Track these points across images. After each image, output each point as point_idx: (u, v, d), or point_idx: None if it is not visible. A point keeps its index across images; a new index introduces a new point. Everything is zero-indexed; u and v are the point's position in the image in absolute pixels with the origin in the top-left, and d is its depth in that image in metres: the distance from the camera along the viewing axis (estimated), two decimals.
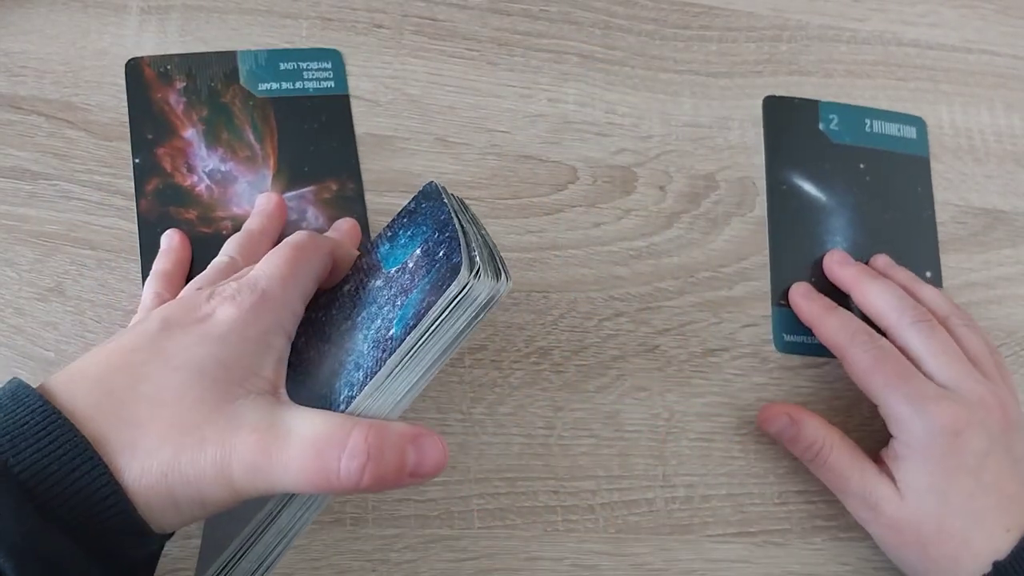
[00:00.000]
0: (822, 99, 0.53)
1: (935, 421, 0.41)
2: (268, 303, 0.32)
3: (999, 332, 0.52)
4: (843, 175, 0.52)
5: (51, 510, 0.27)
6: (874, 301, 0.46)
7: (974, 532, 0.41)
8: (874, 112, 0.54)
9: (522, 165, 0.49)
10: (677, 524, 0.45)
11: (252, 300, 0.32)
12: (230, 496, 0.29)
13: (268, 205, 0.44)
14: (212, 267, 0.39)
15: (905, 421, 0.42)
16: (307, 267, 0.34)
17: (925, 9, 0.57)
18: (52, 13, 0.46)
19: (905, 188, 0.53)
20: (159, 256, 0.43)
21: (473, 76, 0.50)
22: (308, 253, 0.35)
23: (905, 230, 0.52)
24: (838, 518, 0.47)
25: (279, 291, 0.32)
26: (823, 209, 0.51)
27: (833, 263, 0.49)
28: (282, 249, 0.34)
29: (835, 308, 0.47)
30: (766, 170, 0.52)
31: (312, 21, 0.49)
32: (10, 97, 0.45)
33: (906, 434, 0.42)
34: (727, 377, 0.48)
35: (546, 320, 0.47)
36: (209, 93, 0.47)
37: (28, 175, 0.44)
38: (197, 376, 0.30)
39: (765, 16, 0.55)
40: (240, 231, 0.42)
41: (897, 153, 0.53)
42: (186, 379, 0.29)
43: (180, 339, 0.30)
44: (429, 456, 0.30)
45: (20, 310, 0.42)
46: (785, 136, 0.52)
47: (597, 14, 0.53)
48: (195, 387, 0.29)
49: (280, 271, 0.33)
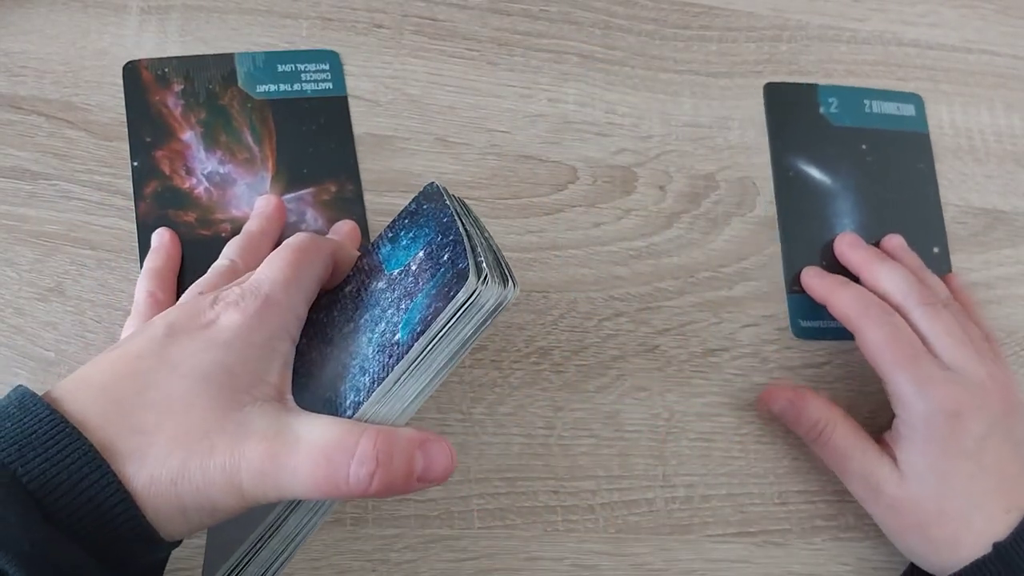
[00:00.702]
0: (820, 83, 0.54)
1: (937, 403, 0.41)
2: (272, 308, 0.32)
3: (999, 332, 0.52)
4: (846, 158, 0.53)
5: (61, 519, 0.27)
6: (883, 282, 0.46)
7: (974, 513, 0.41)
8: (872, 92, 0.54)
9: (522, 165, 0.49)
10: (677, 524, 0.45)
11: (256, 305, 0.31)
12: (239, 503, 0.29)
13: (267, 207, 0.44)
14: (213, 271, 0.39)
15: (909, 401, 0.42)
16: (309, 270, 0.34)
17: (925, 9, 0.57)
18: (52, 13, 0.46)
19: (908, 165, 0.53)
20: (150, 254, 0.43)
21: (473, 76, 0.50)
22: (310, 255, 0.35)
23: (911, 208, 0.53)
24: (838, 518, 0.47)
25: (282, 295, 0.32)
26: (829, 193, 0.52)
27: (844, 244, 0.50)
28: (283, 252, 0.34)
29: (848, 283, 0.47)
30: (771, 158, 0.52)
31: (312, 21, 0.49)
32: (10, 97, 0.45)
33: (908, 414, 0.42)
34: (727, 377, 0.48)
35: (546, 320, 0.47)
36: (207, 95, 0.47)
37: (28, 175, 0.44)
38: (204, 383, 0.30)
39: (765, 16, 0.55)
40: (240, 234, 0.42)
41: (897, 131, 0.54)
42: (193, 386, 0.29)
43: (186, 345, 0.30)
44: (437, 461, 0.30)
45: (20, 310, 0.42)
46: (788, 122, 0.53)
47: (597, 14, 0.53)
48: (202, 395, 0.29)
49: (283, 274, 0.33)
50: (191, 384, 0.29)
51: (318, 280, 0.35)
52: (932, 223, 0.53)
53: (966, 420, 0.41)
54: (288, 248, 0.34)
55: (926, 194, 0.53)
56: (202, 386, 0.29)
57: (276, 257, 0.34)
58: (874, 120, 0.54)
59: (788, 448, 0.47)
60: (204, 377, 0.30)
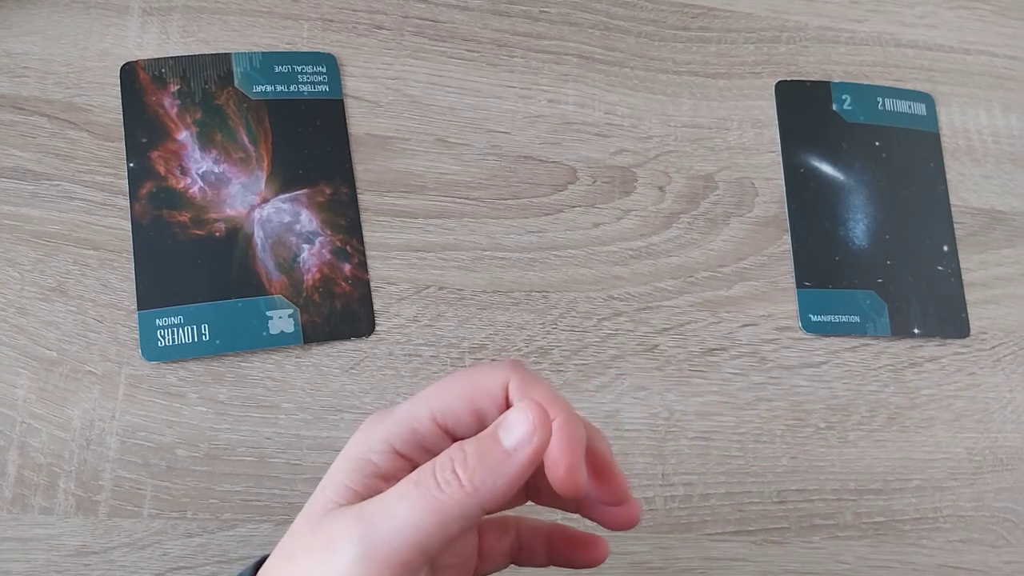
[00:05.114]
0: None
1: None
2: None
3: (997, 332, 0.52)
4: (860, 154, 0.53)
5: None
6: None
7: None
8: (885, 90, 0.55)
9: (522, 165, 0.49)
10: (676, 523, 0.45)
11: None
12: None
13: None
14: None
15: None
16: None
17: (923, 10, 0.58)
18: (54, 14, 0.47)
19: (919, 164, 0.54)
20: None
21: (473, 77, 0.50)
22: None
23: (921, 205, 0.53)
24: (836, 517, 0.47)
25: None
26: (842, 189, 0.52)
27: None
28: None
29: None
30: (782, 155, 0.52)
31: (313, 23, 0.49)
32: (12, 98, 0.45)
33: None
34: (726, 377, 0.48)
35: (546, 320, 0.47)
36: (203, 95, 0.47)
37: (30, 175, 0.44)
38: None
39: (764, 17, 0.55)
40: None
41: (910, 130, 0.54)
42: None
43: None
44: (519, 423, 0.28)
45: (22, 310, 0.42)
46: (800, 119, 0.53)
47: (597, 15, 0.53)
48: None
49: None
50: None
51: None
52: (942, 221, 0.53)
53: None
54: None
55: (936, 193, 0.54)
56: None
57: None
58: (887, 118, 0.54)
59: (786, 447, 0.48)
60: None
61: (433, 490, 0.27)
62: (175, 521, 0.41)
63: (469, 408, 0.30)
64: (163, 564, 0.40)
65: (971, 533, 0.48)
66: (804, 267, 0.50)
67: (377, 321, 0.45)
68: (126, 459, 0.41)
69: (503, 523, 0.34)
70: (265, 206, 0.46)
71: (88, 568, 0.40)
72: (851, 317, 0.50)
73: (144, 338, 0.43)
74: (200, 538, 0.41)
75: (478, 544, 0.33)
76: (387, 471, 0.29)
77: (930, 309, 0.51)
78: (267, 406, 0.43)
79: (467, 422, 0.30)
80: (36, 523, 0.40)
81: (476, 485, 0.27)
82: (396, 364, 0.45)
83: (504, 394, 0.30)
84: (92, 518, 0.41)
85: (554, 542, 0.34)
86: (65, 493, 0.41)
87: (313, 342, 0.44)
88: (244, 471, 0.42)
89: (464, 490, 0.27)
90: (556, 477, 0.28)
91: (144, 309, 0.43)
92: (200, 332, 0.43)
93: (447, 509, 0.27)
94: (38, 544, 0.40)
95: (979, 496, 0.49)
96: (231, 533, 0.41)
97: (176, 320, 0.43)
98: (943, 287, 0.52)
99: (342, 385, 0.44)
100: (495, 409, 0.30)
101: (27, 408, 0.41)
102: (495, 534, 0.34)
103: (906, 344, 0.51)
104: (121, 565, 0.40)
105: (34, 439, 0.41)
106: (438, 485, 0.27)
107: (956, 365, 0.51)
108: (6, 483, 0.40)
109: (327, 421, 0.44)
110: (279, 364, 0.44)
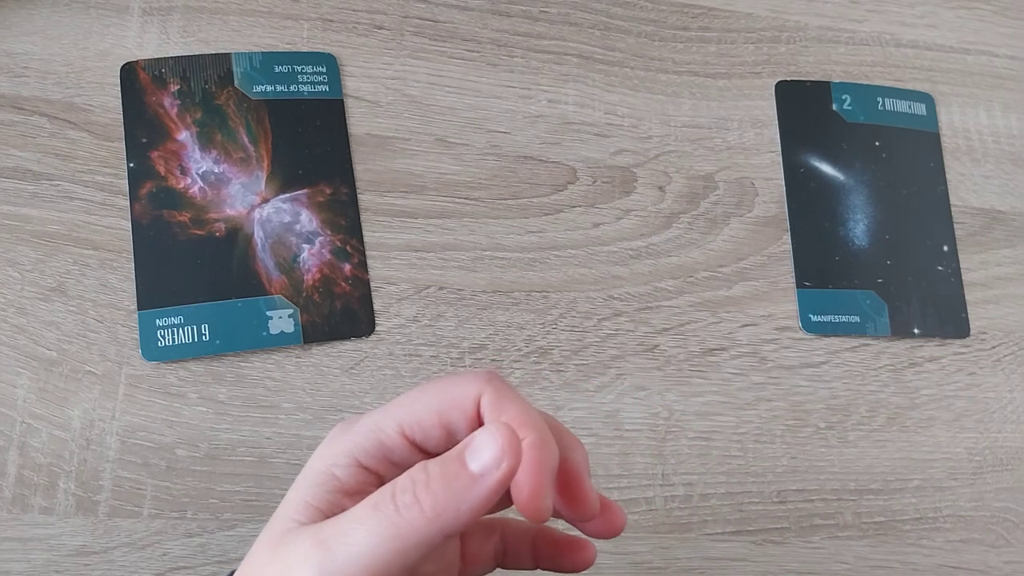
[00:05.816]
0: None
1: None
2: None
3: (997, 332, 0.52)
4: (860, 154, 0.53)
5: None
6: None
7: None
8: (885, 90, 0.55)
9: (522, 165, 0.49)
10: (676, 523, 0.45)
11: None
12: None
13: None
14: None
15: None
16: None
17: (923, 10, 0.58)
18: (55, 14, 0.47)
19: (919, 164, 0.54)
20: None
21: (473, 77, 0.50)
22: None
23: (921, 205, 0.53)
24: (836, 517, 0.47)
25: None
26: (842, 188, 0.52)
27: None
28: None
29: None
30: (782, 155, 0.52)
31: (313, 23, 0.49)
32: (12, 98, 0.45)
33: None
34: (726, 377, 0.48)
35: (546, 320, 0.47)
36: (203, 95, 0.47)
37: (30, 175, 0.44)
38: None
39: (764, 17, 0.55)
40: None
41: (910, 130, 0.54)
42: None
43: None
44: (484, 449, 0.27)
45: (22, 310, 0.42)
46: (800, 119, 0.53)
47: (597, 15, 0.53)
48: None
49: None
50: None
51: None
52: (942, 221, 0.53)
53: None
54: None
55: (936, 193, 0.54)
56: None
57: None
58: (887, 118, 0.54)
59: (786, 447, 0.48)
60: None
61: (392, 515, 0.26)
62: (175, 521, 0.41)
63: (439, 422, 0.28)
64: (163, 564, 0.41)
65: (971, 533, 0.49)
66: (804, 267, 0.50)
67: (377, 321, 0.45)
68: (126, 459, 0.41)
69: (488, 526, 0.33)
70: (265, 206, 0.46)
71: (88, 568, 0.40)
72: (851, 317, 0.50)
73: (144, 338, 0.43)
74: (200, 538, 0.41)
75: (462, 548, 0.32)
76: (351, 486, 0.28)
77: (930, 309, 0.51)
78: (267, 406, 0.43)
79: (436, 436, 0.29)
80: (36, 523, 0.40)
81: (438, 511, 0.26)
82: (396, 364, 0.45)
83: (476, 408, 0.28)
84: (92, 518, 0.41)
85: (540, 545, 0.33)
86: (65, 493, 0.41)
87: (313, 342, 0.45)
88: (244, 471, 0.42)
89: (425, 516, 0.26)
90: (519, 501, 0.27)
91: (144, 309, 0.43)
92: (200, 332, 0.43)
93: (406, 536, 0.26)
94: (38, 544, 0.40)
95: (979, 496, 0.49)
96: (231, 533, 0.41)
97: (176, 320, 0.43)
98: (943, 287, 0.52)
99: (342, 385, 0.44)
100: (466, 424, 0.28)
101: (27, 408, 0.41)
102: (480, 537, 0.33)
103: (906, 344, 0.51)
104: (121, 565, 0.40)
105: (34, 439, 0.41)
106: (397, 510, 0.26)
107: (956, 365, 0.51)
108: (6, 483, 0.40)
109: (327, 421, 0.44)
110: (279, 364, 0.44)
